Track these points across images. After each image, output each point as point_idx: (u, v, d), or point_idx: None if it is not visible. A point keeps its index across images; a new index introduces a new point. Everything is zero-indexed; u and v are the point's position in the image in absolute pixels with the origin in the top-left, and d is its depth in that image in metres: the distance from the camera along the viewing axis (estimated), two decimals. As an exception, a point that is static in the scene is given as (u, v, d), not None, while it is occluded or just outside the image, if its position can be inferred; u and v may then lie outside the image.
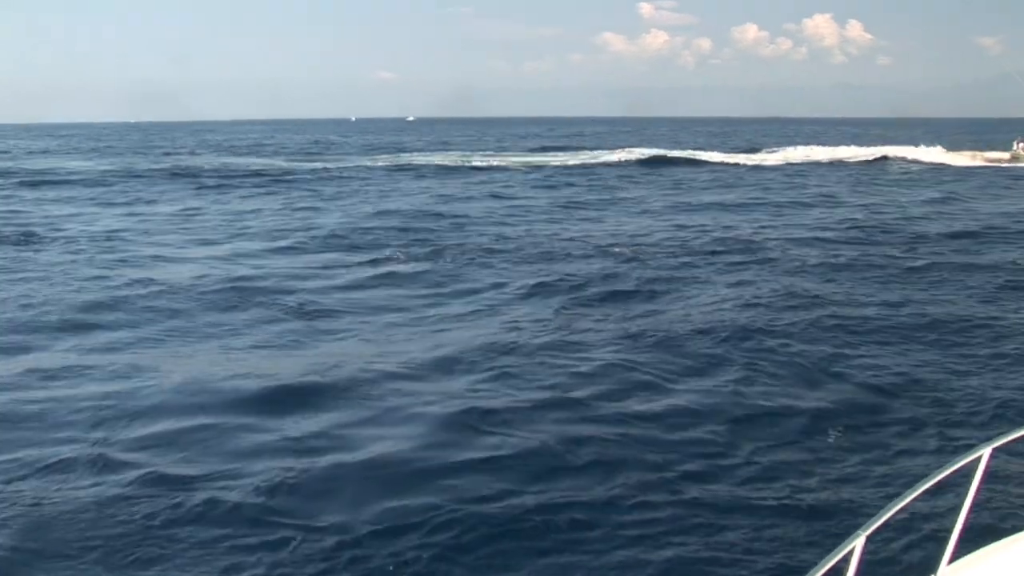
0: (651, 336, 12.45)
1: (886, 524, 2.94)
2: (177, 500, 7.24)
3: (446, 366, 11.10)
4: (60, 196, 35.22)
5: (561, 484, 7.58)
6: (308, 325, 13.48)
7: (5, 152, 72.28)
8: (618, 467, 7.89)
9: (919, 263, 18.64)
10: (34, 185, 39.71)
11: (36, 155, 68.52)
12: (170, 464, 8.01)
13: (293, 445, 8.48)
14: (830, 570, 2.70)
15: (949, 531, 3.19)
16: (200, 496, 7.30)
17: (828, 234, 23.48)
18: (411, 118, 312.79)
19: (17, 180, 41.78)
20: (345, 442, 8.56)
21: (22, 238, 22.69)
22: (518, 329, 12.90)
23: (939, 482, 3.06)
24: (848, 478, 7.71)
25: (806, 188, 39.06)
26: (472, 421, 9.03)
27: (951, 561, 3.25)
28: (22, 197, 34.78)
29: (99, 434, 8.75)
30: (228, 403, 9.67)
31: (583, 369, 10.87)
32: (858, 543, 2.78)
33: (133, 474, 7.73)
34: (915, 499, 3.01)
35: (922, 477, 3.08)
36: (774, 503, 7.21)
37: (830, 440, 8.60)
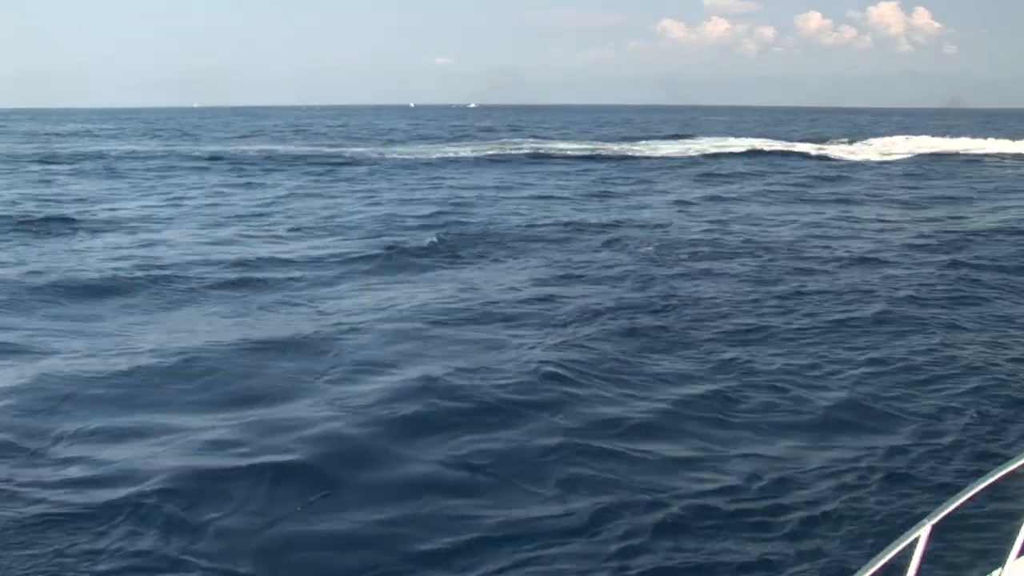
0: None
1: (952, 514, 2.84)
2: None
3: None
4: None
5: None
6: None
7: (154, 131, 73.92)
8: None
9: None
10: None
11: (226, 139, 69.81)
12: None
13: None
14: (893, 559, 2.62)
15: (1018, 523, 3.08)
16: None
17: None
18: (473, 104, 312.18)
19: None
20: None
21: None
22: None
23: (1009, 473, 2.95)
24: None
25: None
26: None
27: (1020, 555, 3.13)
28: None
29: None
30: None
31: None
32: (923, 532, 2.69)
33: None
34: (983, 490, 2.90)
35: (992, 468, 2.97)
36: None
37: None
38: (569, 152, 49.89)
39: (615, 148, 53.76)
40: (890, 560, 2.63)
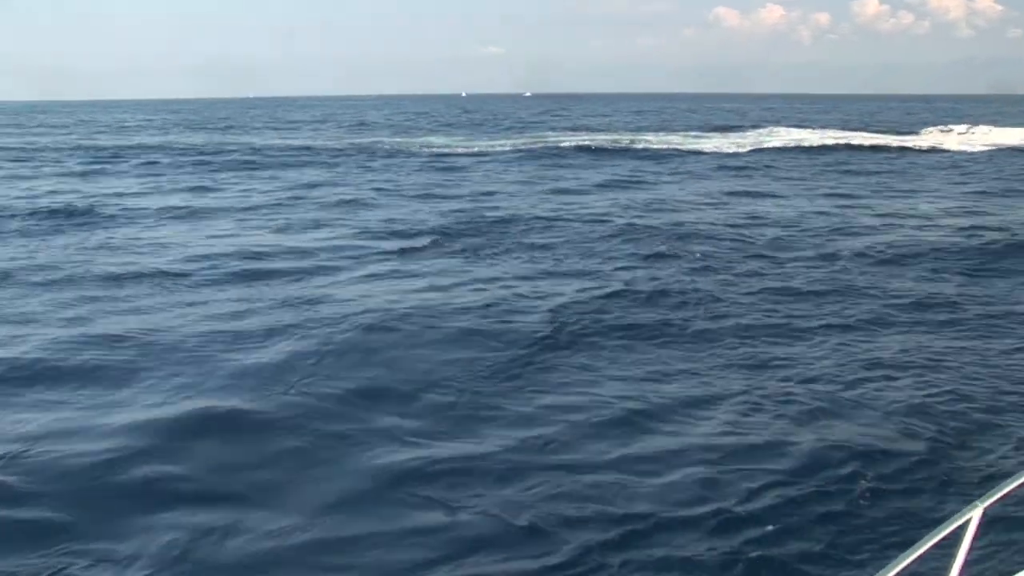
0: None
1: (1006, 498, 2.73)
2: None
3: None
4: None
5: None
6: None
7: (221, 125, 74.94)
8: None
9: None
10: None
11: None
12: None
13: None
14: (944, 540, 2.53)
15: None
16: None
17: None
18: (528, 93, 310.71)
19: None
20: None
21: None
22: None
23: None
24: None
25: None
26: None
27: None
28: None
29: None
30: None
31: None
32: (975, 514, 2.60)
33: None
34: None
35: None
36: None
37: None
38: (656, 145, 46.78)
39: (691, 140, 50.74)
40: (938, 542, 2.51)
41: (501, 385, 9.35)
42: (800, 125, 63.99)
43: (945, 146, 46.00)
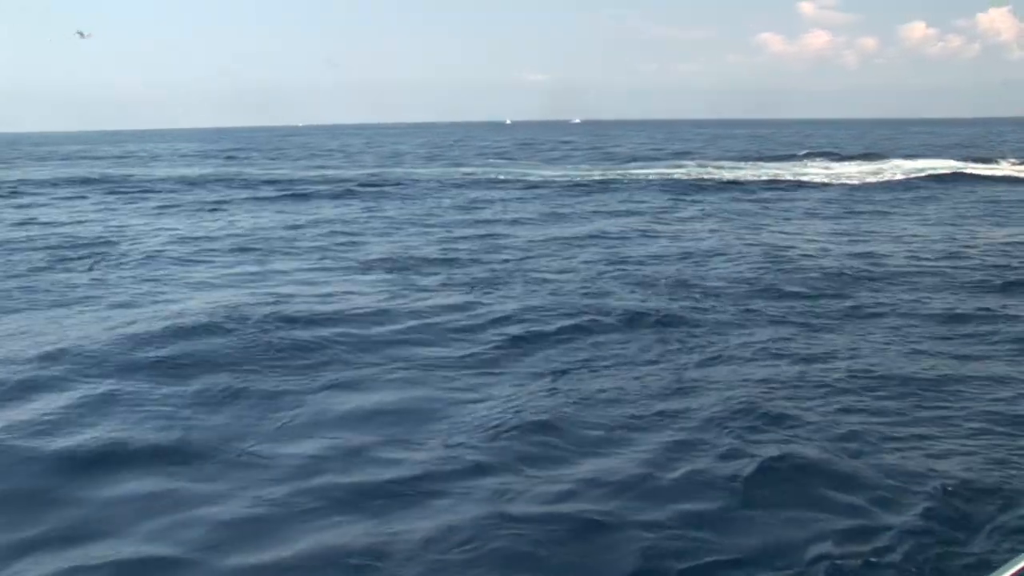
0: None
1: None
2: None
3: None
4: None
5: None
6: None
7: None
8: None
9: None
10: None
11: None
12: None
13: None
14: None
15: None
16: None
17: None
18: (577, 120, 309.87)
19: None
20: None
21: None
22: None
23: None
24: None
25: None
26: None
27: None
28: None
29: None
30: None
31: None
32: None
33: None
34: None
35: None
36: None
37: None
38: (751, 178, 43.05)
39: (779, 170, 46.67)
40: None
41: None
42: (914, 154, 57.92)
43: None
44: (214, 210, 31.55)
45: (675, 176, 43.85)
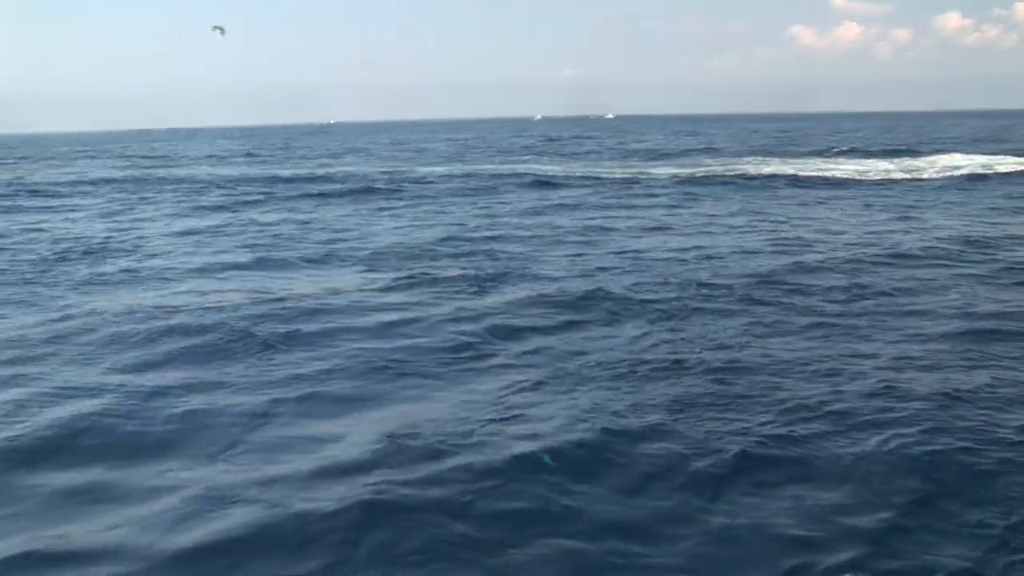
0: None
1: None
2: None
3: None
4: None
5: None
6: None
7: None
8: None
9: None
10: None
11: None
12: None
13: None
14: None
15: None
16: None
17: None
18: (610, 115, 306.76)
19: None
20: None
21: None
22: None
23: None
24: None
25: None
26: None
27: None
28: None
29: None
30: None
31: None
32: None
33: None
34: None
35: None
36: None
37: None
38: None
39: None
40: None
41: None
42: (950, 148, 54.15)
43: None
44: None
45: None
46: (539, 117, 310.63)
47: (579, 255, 18.81)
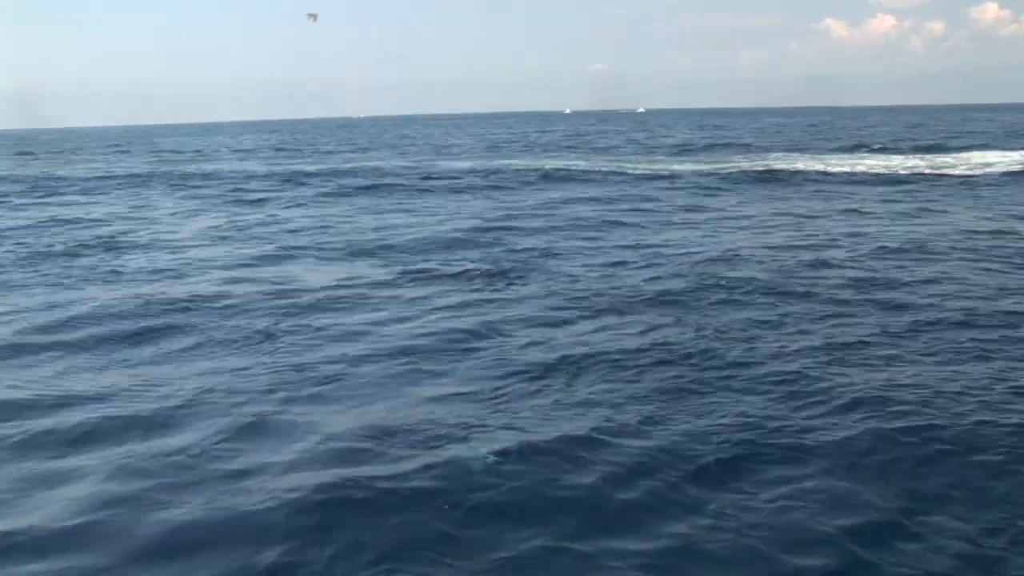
0: None
1: None
2: None
3: None
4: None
5: None
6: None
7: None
8: None
9: None
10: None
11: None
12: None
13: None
14: None
15: None
16: None
17: None
18: (641, 109, 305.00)
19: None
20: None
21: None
22: None
23: None
24: None
25: None
26: None
27: None
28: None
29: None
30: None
31: None
32: None
33: None
34: None
35: None
36: None
37: None
38: None
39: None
40: None
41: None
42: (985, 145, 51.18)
43: None
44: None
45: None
46: (568, 111, 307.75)
47: (598, 248, 18.58)
